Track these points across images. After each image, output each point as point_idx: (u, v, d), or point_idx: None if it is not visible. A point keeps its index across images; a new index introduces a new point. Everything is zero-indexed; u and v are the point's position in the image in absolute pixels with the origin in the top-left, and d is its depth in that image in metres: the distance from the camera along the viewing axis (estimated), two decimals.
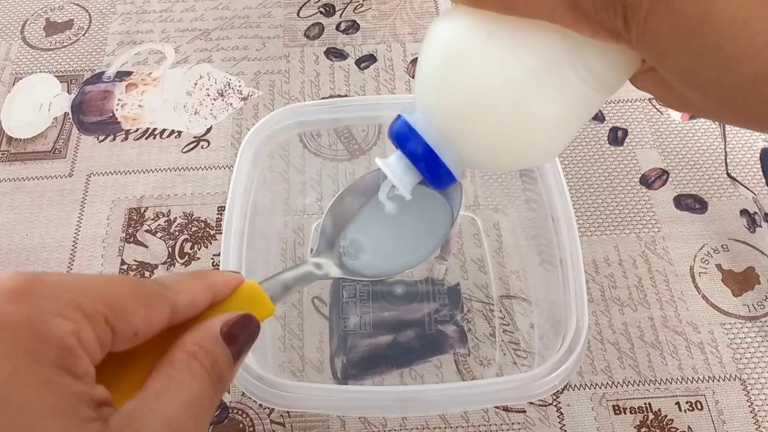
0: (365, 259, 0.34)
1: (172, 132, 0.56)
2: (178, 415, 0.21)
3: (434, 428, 0.42)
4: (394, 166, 0.29)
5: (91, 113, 0.57)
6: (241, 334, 0.24)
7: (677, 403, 0.43)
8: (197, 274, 0.25)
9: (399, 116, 0.28)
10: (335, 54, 0.60)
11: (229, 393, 0.44)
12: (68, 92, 0.59)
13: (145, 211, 0.52)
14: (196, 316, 0.24)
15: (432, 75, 0.26)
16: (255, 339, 0.25)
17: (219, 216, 0.51)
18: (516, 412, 0.43)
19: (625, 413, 0.43)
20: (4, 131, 0.56)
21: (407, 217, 0.34)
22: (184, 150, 0.55)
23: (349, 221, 0.34)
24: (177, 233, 0.50)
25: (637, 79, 0.25)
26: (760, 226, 0.50)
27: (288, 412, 0.43)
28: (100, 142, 0.56)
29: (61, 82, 0.59)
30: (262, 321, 0.26)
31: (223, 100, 0.58)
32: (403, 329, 0.46)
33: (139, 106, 0.57)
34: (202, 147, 0.55)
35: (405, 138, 0.28)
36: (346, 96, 0.57)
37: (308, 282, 0.31)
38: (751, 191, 0.52)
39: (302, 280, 0.30)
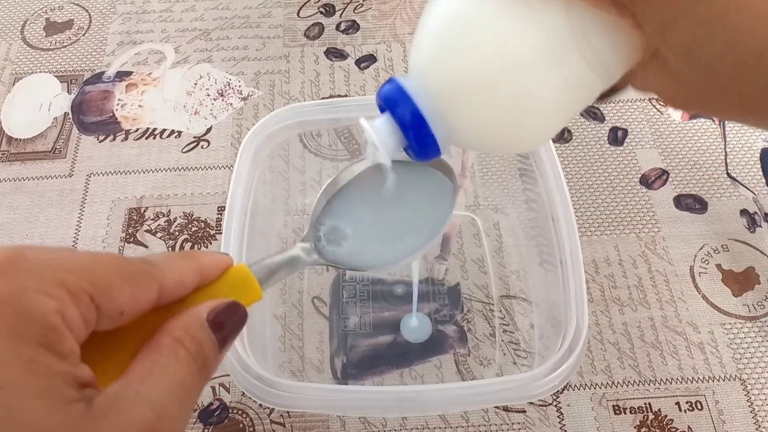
0: (349, 246, 0.33)
1: (172, 132, 0.56)
2: (162, 398, 0.20)
3: (434, 428, 0.42)
4: (379, 128, 0.28)
5: (91, 113, 0.57)
6: (227, 322, 0.23)
7: (677, 403, 0.43)
8: (186, 254, 0.24)
9: (392, 79, 0.27)
10: (335, 54, 0.60)
11: (229, 393, 0.44)
12: (68, 92, 0.59)
13: (145, 211, 0.52)
14: (183, 297, 0.24)
15: (433, 42, 0.26)
16: (242, 327, 0.24)
17: (219, 216, 0.51)
18: (516, 412, 0.43)
19: (625, 413, 0.43)
20: (4, 131, 0.56)
21: (397, 207, 0.34)
22: (184, 150, 0.55)
23: (335, 207, 0.34)
24: (177, 233, 0.50)
25: (637, 74, 0.25)
26: (760, 226, 0.50)
27: (288, 412, 0.43)
28: (100, 142, 0.56)
29: (61, 82, 0.59)
30: (250, 305, 0.25)
31: (223, 100, 0.58)
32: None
33: (139, 106, 0.57)
34: (202, 147, 0.55)
35: (395, 102, 0.27)
36: (346, 96, 0.57)
37: (297, 268, 0.30)
38: (751, 191, 0.52)
39: (290, 264, 0.29)
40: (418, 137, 0.27)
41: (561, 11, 0.23)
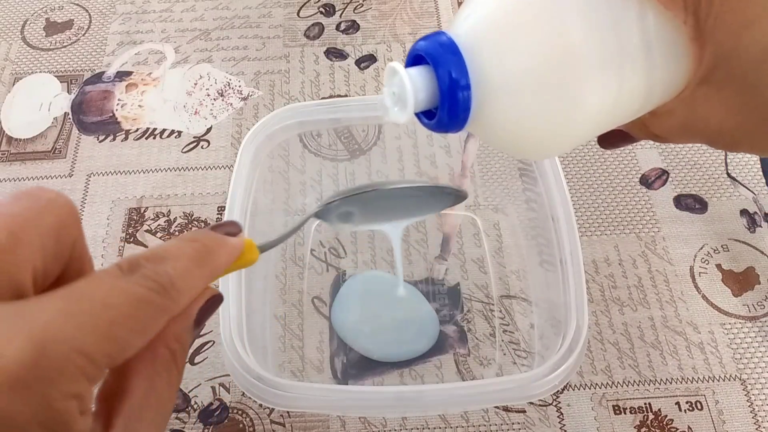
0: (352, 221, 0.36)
1: (172, 132, 0.56)
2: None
3: (434, 428, 0.42)
4: (415, 76, 0.25)
5: (91, 113, 0.57)
6: (207, 314, 0.23)
7: (677, 403, 0.43)
8: (204, 256, 0.23)
9: (442, 32, 0.25)
10: (335, 54, 0.60)
11: (229, 393, 0.44)
12: (68, 92, 0.59)
13: (145, 211, 0.52)
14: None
15: (503, 15, 0.24)
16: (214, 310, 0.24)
17: (219, 216, 0.51)
18: (516, 412, 0.43)
19: (625, 413, 0.43)
20: (4, 131, 0.56)
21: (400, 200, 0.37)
22: (184, 150, 0.55)
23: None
24: (177, 233, 0.50)
25: (685, 102, 0.24)
26: (760, 226, 0.50)
27: (288, 412, 0.43)
28: (100, 142, 0.56)
29: (61, 82, 0.59)
30: (247, 267, 0.26)
31: (223, 100, 0.58)
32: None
33: (139, 106, 0.57)
34: (202, 147, 0.55)
35: (445, 60, 0.24)
36: (346, 96, 0.57)
37: (301, 223, 0.33)
38: (751, 191, 0.52)
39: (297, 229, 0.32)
40: (455, 104, 0.24)
41: (634, 13, 0.23)
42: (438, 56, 0.24)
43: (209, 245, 0.23)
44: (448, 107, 0.24)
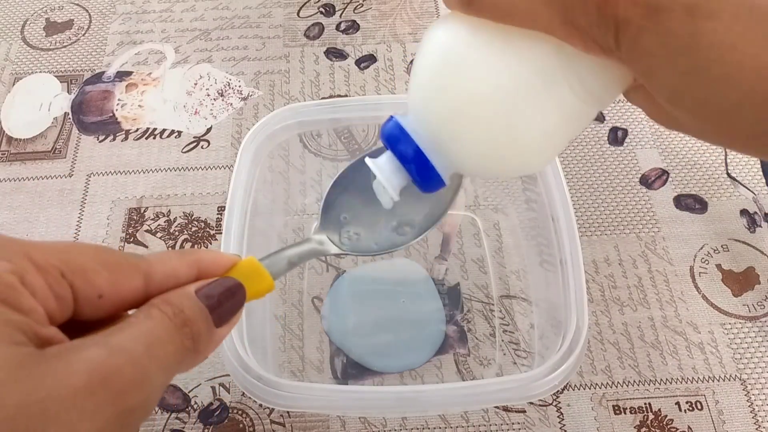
0: (363, 235, 0.34)
1: (172, 132, 0.56)
2: (123, 342, 0.20)
3: (434, 428, 0.42)
4: (384, 166, 0.29)
5: (91, 113, 0.57)
6: (223, 299, 0.23)
7: (677, 403, 0.43)
8: (183, 250, 0.24)
9: (391, 117, 0.28)
10: (335, 54, 0.60)
11: (229, 393, 0.44)
12: (68, 92, 0.59)
13: (145, 211, 0.52)
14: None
15: (426, 79, 0.27)
16: (241, 304, 0.24)
17: (219, 216, 0.51)
18: (516, 412, 0.43)
19: (625, 413, 0.43)
20: (4, 131, 0.56)
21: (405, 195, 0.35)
22: (184, 150, 0.55)
23: (347, 198, 0.35)
24: (177, 233, 0.50)
25: (629, 94, 0.26)
26: (760, 226, 0.50)
27: (288, 412, 0.43)
28: (100, 142, 0.56)
29: (61, 82, 0.59)
30: (262, 296, 0.26)
31: (223, 100, 0.58)
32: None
33: (139, 106, 0.57)
34: (202, 147, 0.55)
35: (396, 140, 0.28)
36: (346, 96, 0.57)
37: (311, 257, 0.32)
38: (751, 191, 0.52)
39: (305, 257, 0.31)
40: (420, 171, 0.28)
41: (551, 48, 0.24)
42: (390, 140, 0.28)
43: (190, 249, 0.24)
44: (418, 176, 0.28)
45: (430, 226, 0.34)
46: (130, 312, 0.22)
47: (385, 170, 0.29)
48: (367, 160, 0.29)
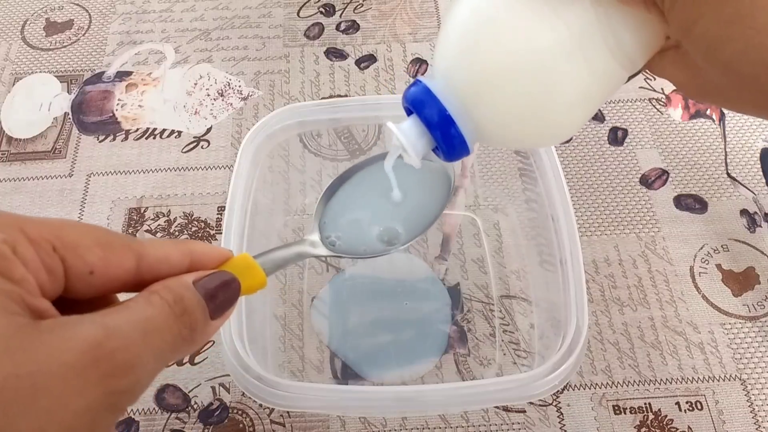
0: (350, 236, 0.34)
1: (172, 132, 0.56)
2: (119, 324, 0.20)
3: (434, 428, 0.42)
4: (407, 131, 0.27)
5: (91, 113, 0.57)
6: (219, 291, 0.23)
7: (677, 403, 0.43)
8: (176, 240, 0.24)
9: (417, 80, 0.27)
10: (335, 54, 0.60)
11: (229, 393, 0.44)
12: (68, 92, 0.59)
13: (145, 211, 0.52)
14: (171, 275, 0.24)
15: (458, 39, 0.26)
16: (236, 297, 0.24)
17: (219, 216, 0.51)
18: (516, 412, 0.43)
19: (625, 413, 0.43)
20: (4, 131, 0.56)
21: (394, 196, 0.35)
22: (184, 150, 0.55)
23: (343, 200, 0.35)
24: (177, 233, 0.50)
25: (656, 61, 0.25)
26: (760, 226, 0.50)
27: (288, 412, 0.43)
28: (100, 142, 0.56)
29: (61, 82, 0.59)
30: (254, 292, 0.26)
31: (223, 100, 0.58)
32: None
33: (139, 106, 0.57)
34: (202, 147, 0.55)
35: (422, 103, 0.26)
36: (346, 96, 0.57)
37: (301, 258, 0.32)
38: (751, 191, 0.52)
39: (296, 258, 0.30)
40: (447, 138, 0.27)
41: (588, 5, 0.23)
42: (416, 104, 0.27)
43: (186, 240, 0.24)
44: (443, 143, 0.27)
45: (424, 229, 0.34)
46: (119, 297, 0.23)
47: (410, 135, 0.27)
48: (390, 124, 0.28)
